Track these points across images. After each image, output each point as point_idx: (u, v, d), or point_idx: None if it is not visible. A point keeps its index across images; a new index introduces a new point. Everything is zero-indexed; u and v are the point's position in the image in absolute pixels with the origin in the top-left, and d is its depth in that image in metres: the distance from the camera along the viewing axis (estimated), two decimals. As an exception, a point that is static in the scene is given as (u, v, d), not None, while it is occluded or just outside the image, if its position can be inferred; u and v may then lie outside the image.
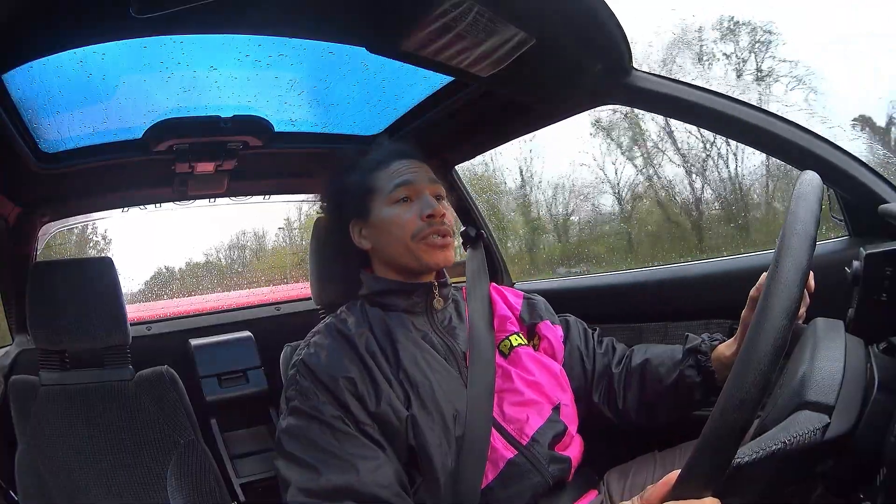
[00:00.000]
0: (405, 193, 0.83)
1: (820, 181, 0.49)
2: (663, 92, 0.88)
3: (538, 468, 0.75)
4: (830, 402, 0.49)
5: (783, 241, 0.44)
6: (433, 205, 0.82)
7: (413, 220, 0.82)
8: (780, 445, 0.45)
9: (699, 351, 0.81)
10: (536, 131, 1.21)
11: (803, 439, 0.46)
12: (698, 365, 0.81)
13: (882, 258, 0.63)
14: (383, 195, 0.84)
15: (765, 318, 0.41)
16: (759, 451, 0.45)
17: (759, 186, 1.93)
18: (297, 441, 0.70)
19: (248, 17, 0.75)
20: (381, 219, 0.84)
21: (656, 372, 0.84)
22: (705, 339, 0.82)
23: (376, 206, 0.85)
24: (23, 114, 0.93)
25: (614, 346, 0.94)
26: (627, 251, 2.26)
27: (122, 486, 1.09)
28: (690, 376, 0.81)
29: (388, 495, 0.66)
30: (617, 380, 0.88)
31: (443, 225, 0.82)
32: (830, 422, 0.48)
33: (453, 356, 0.81)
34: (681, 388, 0.82)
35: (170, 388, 1.22)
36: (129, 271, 2.64)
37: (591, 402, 0.89)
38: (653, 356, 0.86)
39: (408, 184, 0.84)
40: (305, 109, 1.18)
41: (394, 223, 0.82)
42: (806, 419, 0.48)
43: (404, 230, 0.82)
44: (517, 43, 0.80)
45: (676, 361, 0.83)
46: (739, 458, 0.43)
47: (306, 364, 0.75)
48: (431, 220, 0.82)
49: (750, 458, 0.44)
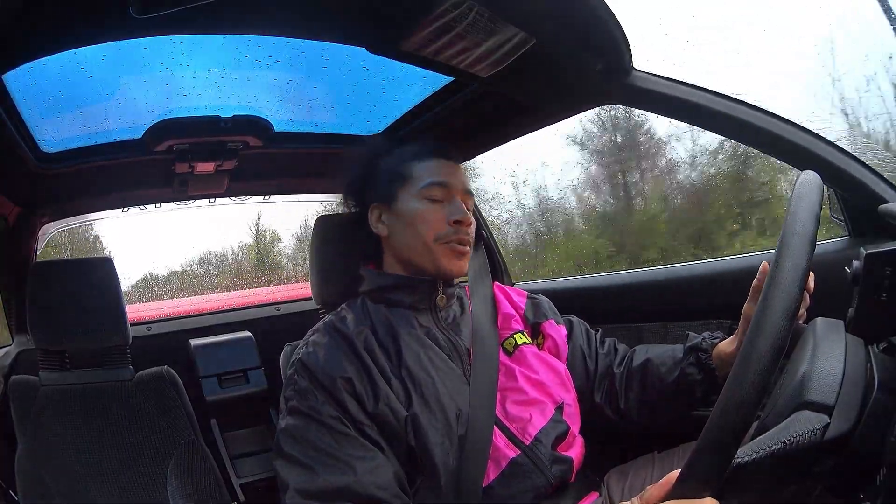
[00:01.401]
0: (438, 192, 0.82)
1: (820, 181, 0.49)
2: (663, 92, 0.88)
3: (541, 469, 0.75)
4: (830, 403, 0.49)
5: (783, 241, 0.44)
6: (463, 211, 0.81)
7: (441, 221, 0.81)
8: (779, 445, 0.45)
9: (700, 349, 0.81)
10: (536, 131, 1.21)
11: (803, 439, 0.46)
12: (699, 363, 0.81)
13: (882, 258, 0.63)
14: (415, 187, 0.83)
15: (765, 318, 0.41)
16: (759, 451, 0.45)
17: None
18: (295, 441, 0.70)
19: (248, 17, 0.75)
20: (407, 210, 0.82)
21: (657, 371, 0.84)
22: (706, 338, 0.82)
23: (404, 196, 0.83)
24: (23, 114, 0.93)
25: (616, 347, 0.94)
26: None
27: (122, 485, 1.09)
28: (692, 374, 0.81)
29: (386, 496, 0.66)
30: (619, 380, 0.88)
31: (467, 235, 0.82)
32: (830, 422, 0.48)
33: (457, 353, 0.81)
34: (682, 386, 0.82)
35: (170, 388, 1.22)
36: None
37: (593, 402, 0.89)
38: (654, 356, 0.86)
39: (444, 185, 0.82)
40: (305, 109, 1.18)
41: (420, 218, 0.81)
42: (806, 419, 0.48)
43: (429, 229, 0.80)
44: (517, 43, 0.80)
45: (678, 360, 0.83)
46: (739, 458, 0.43)
47: (304, 364, 0.75)
48: (458, 226, 0.81)
49: (750, 457, 0.44)
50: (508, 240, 2.52)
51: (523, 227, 2.55)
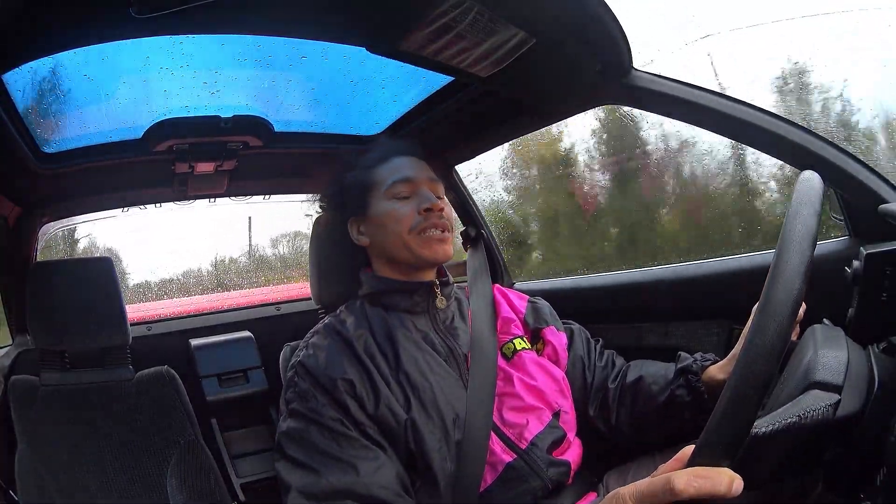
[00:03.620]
0: (403, 189, 0.83)
1: (820, 181, 0.49)
2: (663, 92, 0.88)
3: (537, 472, 0.75)
4: (839, 382, 0.49)
5: (783, 242, 0.44)
6: (431, 198, 0.82)
7: (411, 214, 0.82)
8: (794, 419, 0.45)
9: (690, 371, 0.82)
10: (536, 131, 1.21)
11: (817, 414, 0.46)
12: (689, 385, 0.81)
13: (882, 258, 0.63)
14: (381, 190, 0.84)
15: (764, 317, 0.40)
16: (775, 424, 0.44)
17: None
18: (297, 444, 0.70)
19: (248, 17, 0.75)
20: (378, 213, 0.84)
21: (649, 390, 0.85)
22: (697, 360, 0.83)
23: (374, 202, 0.85)
24: (23, 114, 0.93)
25: (614, 360, 0.94)
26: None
27: (122, 485, 1.09)
28: (681, 396, 0.81)
29: (389, 496, 0.66)
30: (612, 396, 0.88)
31: (441, 219, 0.82)
32: (841, 398, 0.48)
33: (454, 358, 0.81)
34: (671, 407, 0.82)
35: (170, 388, 1.22)
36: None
37: (587, 414, 0.89)
38: (646, 374, 0.87)
39: (406, 180, 0.84)
40: (305, 109, 1.18)
41: (391, 217, 0.82)
42: (818, 396, 0.49)
43: (402, 224, 0.81)
44: (517, 43, 0.80)
45: (668, 381, 0.83)
46: (756, 430, 0.43)
47: (304, 366, 0.75)
48: (429, 213, 0.82)
49: (766, 429, 0.44)
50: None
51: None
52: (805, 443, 0.48)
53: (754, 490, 0.45)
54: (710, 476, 0.38)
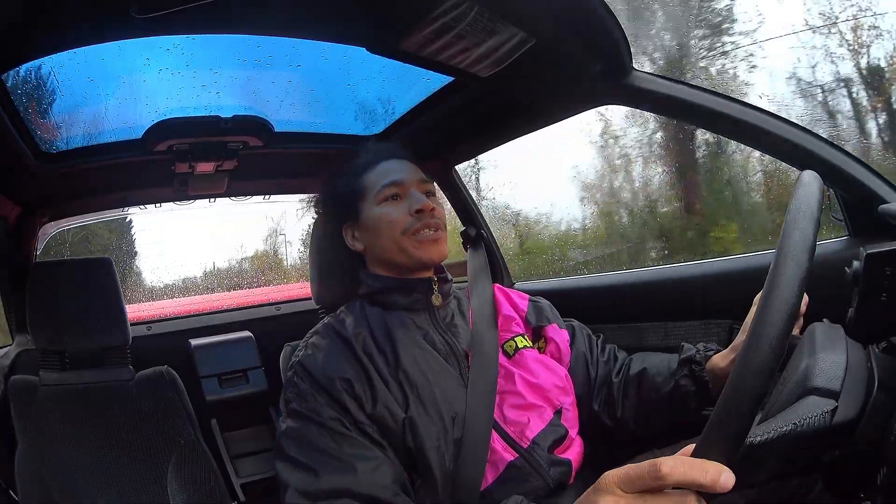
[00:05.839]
0: (394, 192, 0.83)
1: (820, 181, 0.49)
2: (663, 92, 0.88)
3: (539, 471, 0.75)
4: (836, 388, 0.49)
5: (783, 241, 0.43)
6: (422, 199, 0.82)
7: (403, 216, 0.82)
8: (790, 427, 0.45)
9: (694, 361, 0.82)
10: (536, 131, 1.21)
11: (813, 421, 0.46)
12: (693, 375, 0.81)
13: (882, 258, 0.63)
14: (372, 195, 0.84)
15: (765, 316, 0.41)
16: (772, 432, 0.44)
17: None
18: (296, 443, 0.70)
19: (248, 17, 0.75)
20: (370, 218, 0.84)
21: (653, 381, 0.85)
22: (700, 350, 0.83)
23: (366, 207, 0.85)
24: (23, 114, 0.93)
25: (616, 354, 0.94)
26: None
27: (122, 485, 1.09)
28: (685, 386, 0.81)
29: (388, 495, 0.66)
30: (616, 389, 0.88)
31: (433, 219, 0.82)
32: (838, 405, 0.48)
33: (454, 355, 0.81)
34: (676, 397, 0.82)
35: (170, 388, 1.22)
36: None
37: (591, 409, 0.89)
38: (650, 365, 0.87)
39: (396, 182, 0.84)
40: (305, 109, 1.18)
41: (383, 221, 0.82)
42: (814, 403, 0.49)
43: (394, 227, 0.81)
44: (517, 43, 0.80)
45: (672, 371, 0.83)
46: (752, 438, 0.43)
47: (303, 366, 0.75)
48: (421, 214, 0.81)
49: (763, 437, 0.44)
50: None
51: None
52: (802, 448, 0.48)
53: (753, 488, 0.45)
54: (698, 464, 0.39)
